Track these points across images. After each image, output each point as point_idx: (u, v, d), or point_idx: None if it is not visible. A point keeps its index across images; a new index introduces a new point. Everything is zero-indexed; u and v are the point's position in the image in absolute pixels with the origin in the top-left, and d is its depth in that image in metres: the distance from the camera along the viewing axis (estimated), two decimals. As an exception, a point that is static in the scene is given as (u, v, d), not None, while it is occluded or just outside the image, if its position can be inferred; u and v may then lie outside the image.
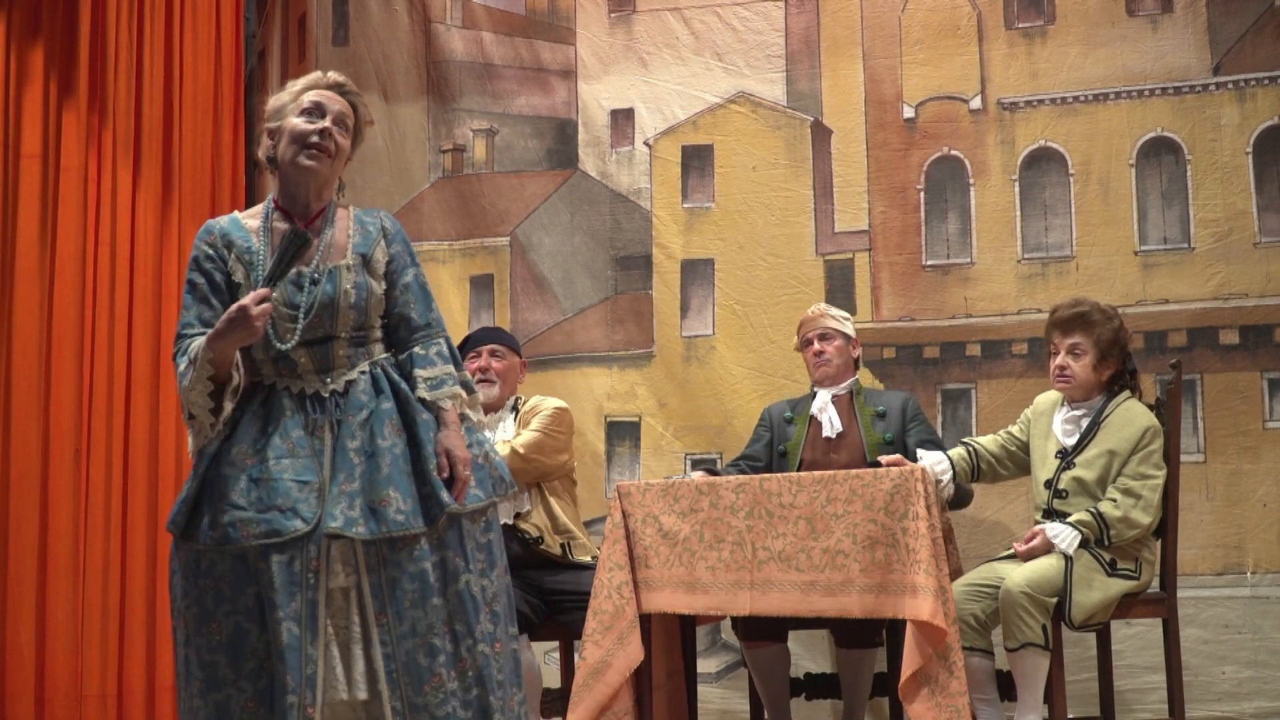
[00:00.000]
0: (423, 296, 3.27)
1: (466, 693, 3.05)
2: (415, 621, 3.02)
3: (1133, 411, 4.16)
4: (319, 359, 3.18)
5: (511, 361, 4.72)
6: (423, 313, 3.25)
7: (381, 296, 3.23)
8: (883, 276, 5.39)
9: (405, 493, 3.06)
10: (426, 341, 3.23)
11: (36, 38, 5.45)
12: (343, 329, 3.19)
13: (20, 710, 5.10)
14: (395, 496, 3.05)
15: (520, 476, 4.49)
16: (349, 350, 3.20)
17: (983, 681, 4.01)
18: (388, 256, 3.26)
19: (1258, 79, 5.11)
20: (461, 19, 5.94)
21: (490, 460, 3.22)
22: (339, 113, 3.27)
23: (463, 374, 3.25)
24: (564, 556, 4.51)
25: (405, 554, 3.03)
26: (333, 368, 3.18)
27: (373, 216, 3.33)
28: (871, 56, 5.50)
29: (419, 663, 3.02)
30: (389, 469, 3.08)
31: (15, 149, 5.36)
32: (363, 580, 3.04)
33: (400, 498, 3.05)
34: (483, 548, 3.14)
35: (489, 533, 3.18)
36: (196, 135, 5.81)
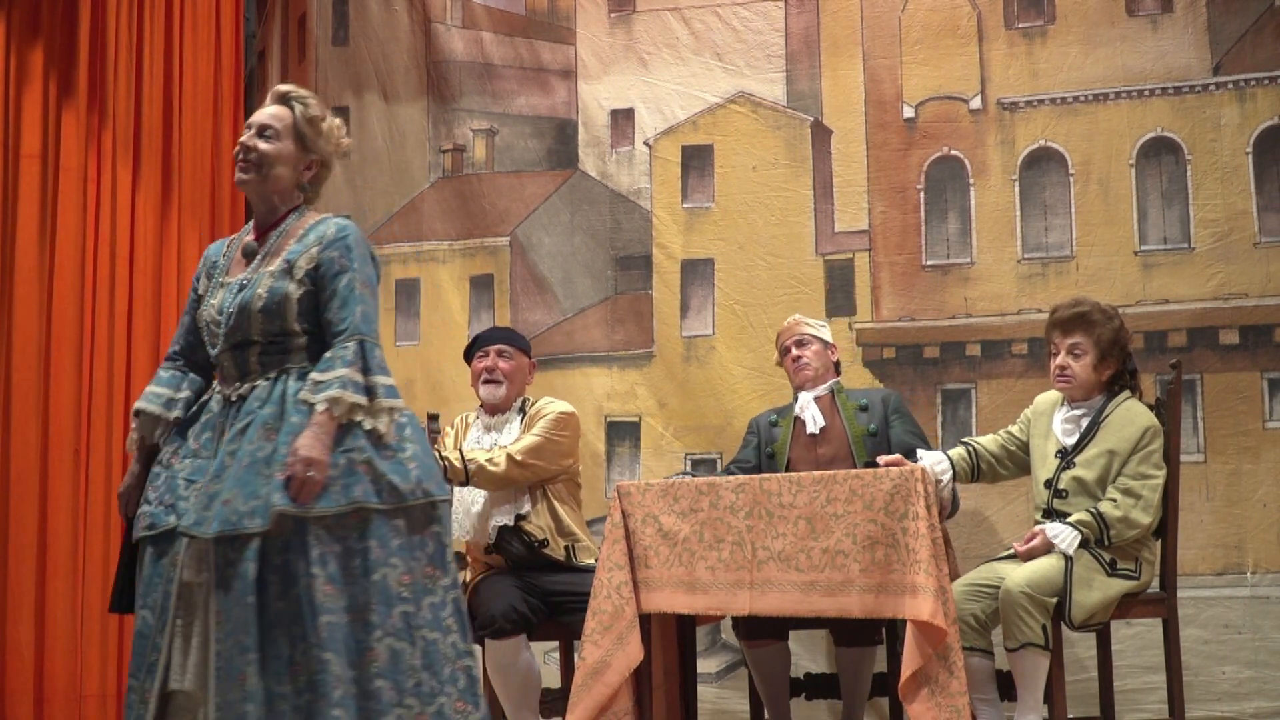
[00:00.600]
0: (348, 299, 3.20)
1: (298, 696, 3.02)
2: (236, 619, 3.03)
3: (1133, 411, 4.16)
4: (238, 365, 3.25)
5: (520, 362, 4.71)
6: (343, 316, 3.18)
7: (297, 301, 3.21)
8: (883, 276, 5.39)
9: (247, 494, 3.06)
10: (339, 344, 3.17)
11: (36, 38, 5.46)
12: (257, 334, 3.22)
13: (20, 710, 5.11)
14: (235, 496, 3.06)
15: (518, 482, 4.49)
16: (265, 357, 3.23)
17: (983, 681, 4.01)
18: (315, 262, 3.23)
19: (1258, 79, 5.11)
20: (461, 19, 5.94)
21: (374, 468, 3.12)
22: (261, 123, 3.32)
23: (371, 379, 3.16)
24: (568, 560, 4.51)
25: (239, 554, 3.04)
26: (248, 373, 3.24)
27: (324, 224, 3.31)
28: (871, 56, 5.50)
29: (233, 659, 3.02)
30: (241, 470, 3.09)
31: (15, 149, 5.37)
32: (210, 577, 3.07)
33: (240, 498, 3.06)
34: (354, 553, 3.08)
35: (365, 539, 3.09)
36: (196, 135, 5.82)
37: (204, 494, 3.11)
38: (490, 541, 4.54)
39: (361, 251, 3.28)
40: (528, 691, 4.42)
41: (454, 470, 4.41)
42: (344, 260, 3.23)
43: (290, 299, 3.21)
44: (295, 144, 3.34)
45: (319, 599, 3.02)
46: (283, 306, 3.21)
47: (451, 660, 3.16)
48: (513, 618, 4.31)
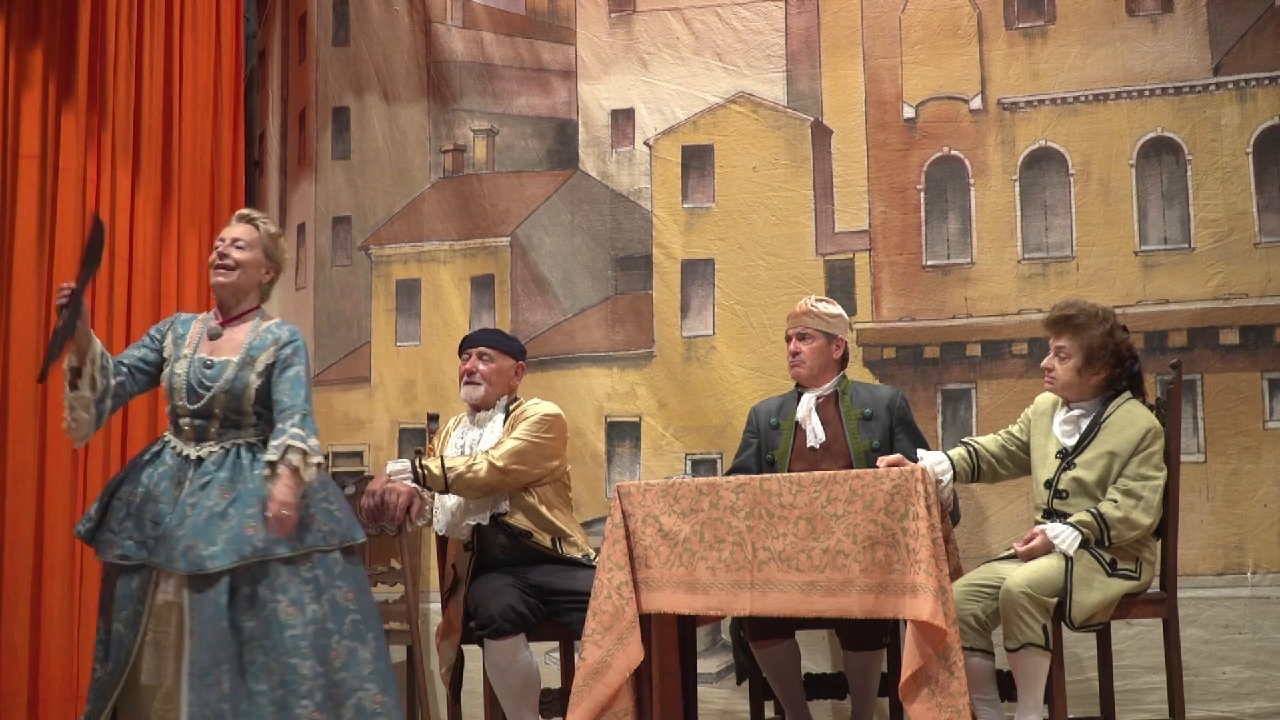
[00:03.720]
0: (296, 386, 4.03)
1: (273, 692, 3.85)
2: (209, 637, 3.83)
3: (1133, 413, 4.16)
4: (198, 430, 4.05)
5: (502, 364, 4.69)
6: (292, 397, 4.00)
7: (256, 389, 4.03)
8: (883, 276, 5.39)
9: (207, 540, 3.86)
10: (285, 418, 3.96)
11: (36, 39, 5.46)
12: (218, 408, 4.03)
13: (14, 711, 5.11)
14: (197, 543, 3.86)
15: (500, 488, 4.48)
16: (223, 429, 4.05)
17: (983, 681, 4.01)
18: (273, 359, 4.06)
19: (1258, 79, 5.11)
20: (462, 19, 5.94)
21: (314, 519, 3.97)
22: (235, 236, 4.21)
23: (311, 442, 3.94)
24: (554, 550, 4.51)
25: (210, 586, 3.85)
26: (205, 439, 4.04)
27: (280, 329, 4.15)
28: (872, 56, 5.50)
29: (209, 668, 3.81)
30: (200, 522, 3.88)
31: (14, 150, 5.37)
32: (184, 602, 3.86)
33: (201, 544, 3.85)
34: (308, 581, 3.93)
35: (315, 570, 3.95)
36: (196, 136, 5.82)
37: (172, 537, 3.89)
38: (465, 540, 4.54)
39: (306, 353, 4.14)
40: (527, 691, 4.41)
41: (433, 479, 4.42)
42: (295, 359, 4.08)
43: (250, 387, 4.04)
44: (262, 254, 4.21)
45: (283, 617, 3.87)
46: (244, 392, 4.03)
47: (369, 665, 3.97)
48: (511, 617, 4.31)
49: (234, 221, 4.30)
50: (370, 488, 4.48)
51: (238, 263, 4.17)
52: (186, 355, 4.12)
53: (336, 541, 4.02)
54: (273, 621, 3.87)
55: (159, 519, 3.95)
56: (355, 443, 5.86)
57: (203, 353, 4.11)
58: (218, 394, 4.02)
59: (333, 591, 3.97)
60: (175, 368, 4.10)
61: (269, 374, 4.05)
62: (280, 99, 6.20)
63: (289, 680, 3.84)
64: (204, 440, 4.04)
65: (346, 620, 3.95)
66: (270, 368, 4.06)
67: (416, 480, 4.43)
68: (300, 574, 3.94)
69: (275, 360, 4.07)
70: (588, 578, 4.30)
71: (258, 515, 3.91)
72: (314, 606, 3.92)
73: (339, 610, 3.95)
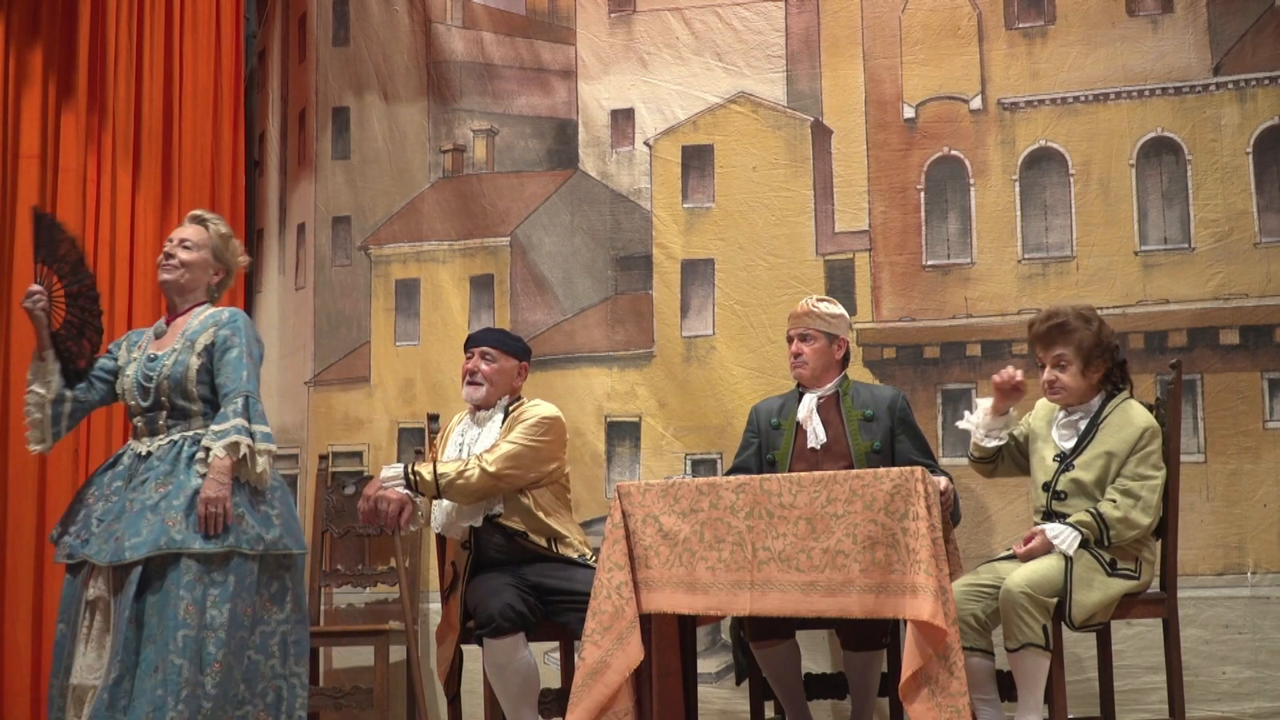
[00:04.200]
0: (238, 367, 4.05)
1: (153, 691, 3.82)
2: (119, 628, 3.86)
3: (1131, 412, 4.16)
4: (149, 425, 4.10)
5: (504, 364, 4.68)
6: (233, 379, 4.03)
7: (198, 370, 4.05)
8: (883, 276, 5.39)
9: (132, 532, 3.88)
10: (229, 399, 4.01)
11: (35, 38, 5.46)
12: (164, 397, 4.07)
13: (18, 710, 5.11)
14: (124, 534, 3.89)
15: (494, 493, 4.47)
16: (171, 419, 4.07)
17: (983, 681, 4.01)
18: (212, 339, 4.09)
19: (1258, 79, 5.11)
20: (462, 19, 5.94)
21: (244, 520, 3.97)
22: (182, 237, 4.27)
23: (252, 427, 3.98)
24: (550, 549, 4.50)
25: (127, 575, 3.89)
26: (156, 433, 4.08)
27: (220, 312, 4.18)
28: (872, 56, 5.50)
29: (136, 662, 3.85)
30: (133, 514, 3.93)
31: (14, 150, 5.37)
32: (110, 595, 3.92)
33: (127, 535, 3.88)
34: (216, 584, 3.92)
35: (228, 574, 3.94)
36: (196, 136, 5.82)
37: (105, 530, 3.95)
38: (462, 539, 4.54)
39: (249, 332, 4.16)
40: (527, 690, 4.41)
41: (424, 485, 4.42)
42: (235, 339, 4.09)
43: (191, 369, 4.05)
44: (210, 255, 4.27)
45: (182, 615, 3.85)
46: (185, 374, 4.05)
47: (267, 679, 4.03)
48: (510, 616, 4.30)
49: (186, 222, 4.36)
50: (366, 492, 4.48)
51: (183, 262, 4.23)
52: (136, 358, 4.18)
53: (261, 549, 4.00)
54: (169, 617, 3.86)
55: (105, 516, 4.00)
56: (355, 442, 5.86)
57: (149, 351, 4.17)
58: (160, 382, 4.06)
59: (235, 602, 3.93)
60: (127, 371, 4.16)
61: (209, 354, 4.07)
62: (280, 99, 6.20)
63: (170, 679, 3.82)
64: (155, 434, 4.08)
65: (236, 635, 3.93)
66: (210, 348, 4.08)
67: (409, 486, 4.43)
68: (212, 575, 3.92)
69: (214, 340, 4.09)
70: (585, 578, 4.30)
71: (182, 507, 3.91)
72: (214, 612, 3.90)
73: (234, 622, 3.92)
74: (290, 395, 5.97)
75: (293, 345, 6.00)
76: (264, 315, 6.07)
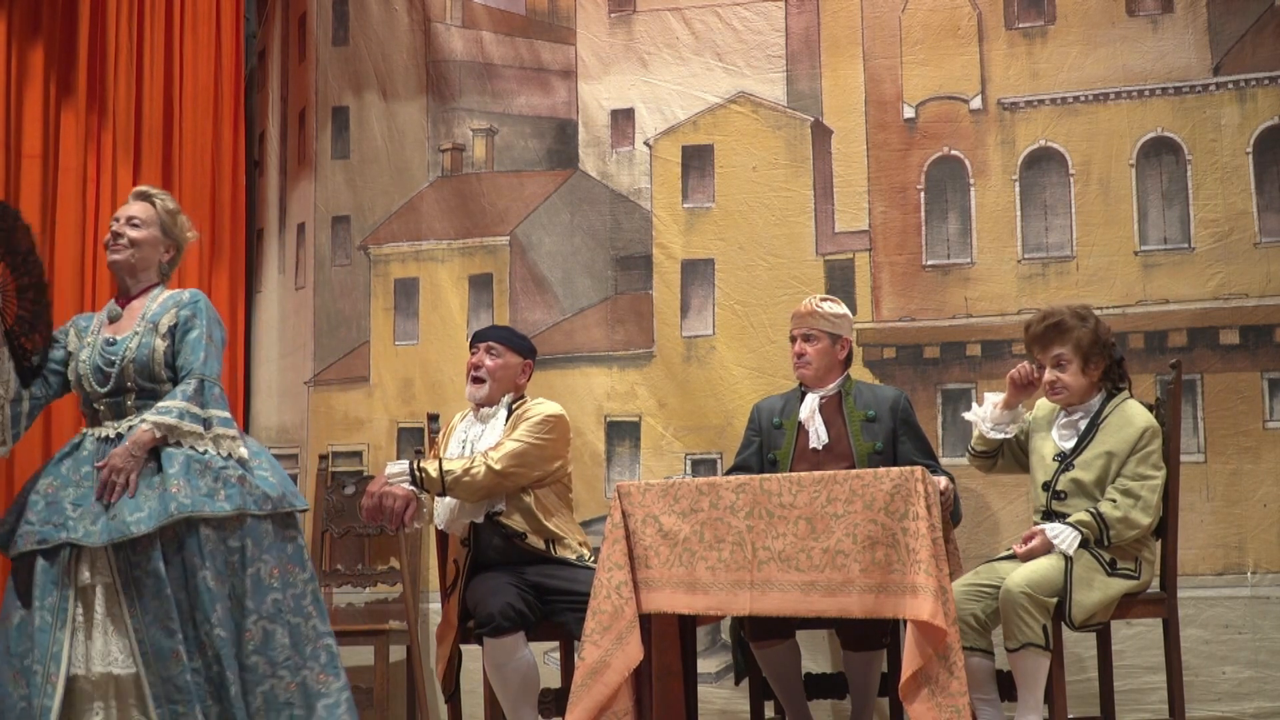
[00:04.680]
0: (196, 347, 3.98)
1: (208, 669, 3.77)
2: (155, 610, 3.76)
3: (1130, 412, 4.16)
4: (114, 409, 3.98)
5: (509, 360, 4.67)
6: (190, 360, 3.96)
7: (164, 352, 3.96)
8: (883, 276, 5.39)
9: (132, 508, 3.78)
10: (184, 380, 3.94)
11: (36, 37, 5.46)
12: (129, 381, 3.96)
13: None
14: (120, 511, 3.78)
15: (498, 491, 4.46)
16: (138, 402, 3.96)
17: (983, 681, 4.01)
18: (175, 320, 4.00)
19: (1258, 79, 5.11)
20: (461, 18, 5.94)
21: (246, 480, 3.90)
22: (129, 214, 4.12)
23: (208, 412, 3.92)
24: (548, 551, 4.51)
25: (143, 556, 3.78)
26: (124, 416, 3.96)
27: (180, 294, 4.09)
28: (872, 56, 5.50)
29: (161, 642, 3.75)
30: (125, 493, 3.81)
31: (15, 149, 5.37)
32: (115, 580, 3.78)
33: (125, 511, 3.77)
34: (234, 550, 3.84)
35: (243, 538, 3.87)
36: (196, 135, 5.82)
37: (90, 513, 3.81)
38: (464, 536, 4.54)
39: (210, 315, 4.07)
40: (526, 689, 4.41)
41: (430, 480, 4.40)
42: (195, 320, 4.01)
43: (157, 351, 3.96)
44: (159, 232, 4.13)
45: (213, 587, 3.78)
46: (151, 357, 3.95)
47: (313, 640, 3.93)
48: (510, 615, 4.30)
49: (131, 199, 4.21)
50: (370, 489, 4.46)
51: (132, 241, 4.09)
52: (90, 343, 4.04)
53: (270, 507, 3.92)
54: (203, 591, 3.77)
55: (80, 501, 3.86)
56: (354, 442, 5.86)
57: (105, 335, 4.04)
58: (125, 366, 3.95)
59: (259, 565, 3.86)
60: (81, 357, 4.03)
61: (173, 336, 3.99)
62: (280, 99, 6.20)
63: (222, 654, 3.74)
64: (123, 416, 3.96)
65: (268, 599, 3.85)
66: (174, 330, 3.99)
67: (414, 483, 4.42)
68: (227, 542, 3.83)
69: (177, 322, 4.00)
70: (585, 578, 4.30)
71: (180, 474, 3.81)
72: (235, 580, 3.82)
73: (261, 587, 3.84)
74: (290, 395, 5.97)
75: (293, 345, 6.00)
76: (264, 315, 6.07)
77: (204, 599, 3.77)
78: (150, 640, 3.75)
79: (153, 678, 3.73)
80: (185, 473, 3.82)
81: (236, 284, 5.93)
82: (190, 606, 3.77)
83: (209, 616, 3.76)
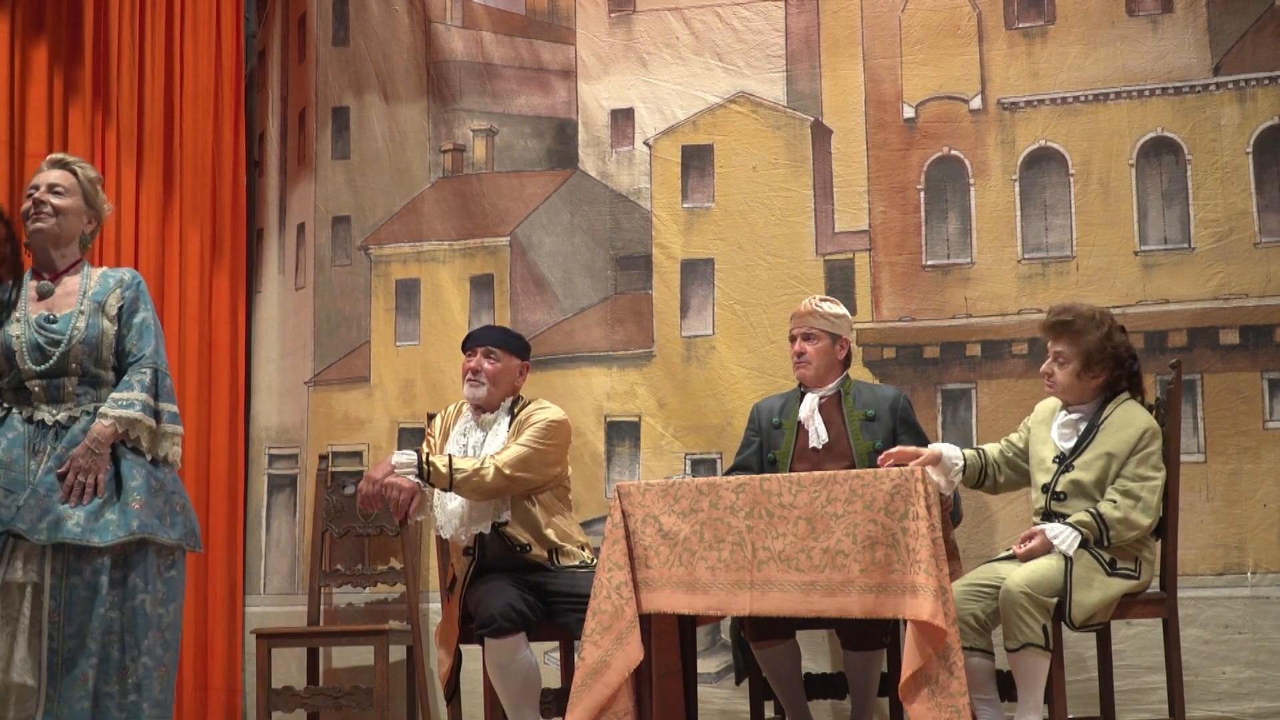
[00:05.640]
0: (145, 334, 3.80)
1: (124, 696, 3.58)
2: (81, 625, 3.56)
3: (1130, 413, 4.16)
4: (50, 391, 3.74)
5: (508, 364, 4.66)
6: (141, 347, 3.78)
7: (113, 337, 3.78)
8: (883, 276, 5.39)
9: (89, 513, 3.58)
10: (135, 369, 3.76)
11: (40, 36, 5.46)
12: (74, 363, 3.75)
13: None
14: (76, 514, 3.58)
15: (504, 493, 4.45)
16: (79, 388, 3.76)
17: (983, 681, 4.01)
18: (121, 302, 3.82)
19: (1258, 79, 5.11)
20: (461, 19, 5.94)
21: (187, 511, 3.78)
22: (51, 182, 3.86)
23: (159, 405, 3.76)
24: (551, 562, 4.50)
25: (87, 565, 3.58)
26: (62, 400, 3.75)
27: (116, 273, 3.90)
28: (871, 56, 5.50)
29: (76, 660, 3.54)
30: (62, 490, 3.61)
31: (20, 148, 5.37)
32: (45, 581, 3.58)
33: (82, 516, 3.57)
34: (166, 581, 3.71)
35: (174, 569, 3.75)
36: (197, 135, 5.82)
37: (35, 506, 3.59)
38: (467, 544, 4.52)
39: (149, 298, 3.91)
40: (527, 690, 4.41)
41: (438, 476, 4.36)
42: (139, 303, 3.84)
43: (107, 334, 3.78)
44: (82, 201, 3.90)
45: (150, 613, 3.63)
46: (100, 340, 3.77)
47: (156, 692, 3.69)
48: (511, 616, 4.30)
49: (46, 167, 3.95)
50: (371, 474, 4.39)
51: (56, 209, 3.84)
52: (19, 318, 3.79)
53: (193, 544, 3.80)
54: (139, 615, 3.61)
55: (11, 487, 3.64)
56: (354, 442, 5.86)
57: (39, 311, 3.80)
58: (74, 347, 3.74)
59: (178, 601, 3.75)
60: (10, 330, 3.77)
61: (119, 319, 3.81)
62: (280, 99, 6.20)
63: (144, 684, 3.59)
64: (60, 401, 3.75)
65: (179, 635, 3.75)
66: (121, 311, 3.81)
67: (421, 476, 4.39)
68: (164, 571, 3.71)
69: (123, 303, 3.82)
70: (585, 579, 4.30)
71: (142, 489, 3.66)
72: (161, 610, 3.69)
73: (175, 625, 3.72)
74: (290, 395, 5.97)
75: (293, 345, 6.00)
76: (264, 315, 6.06)
77: (139, 624, 3.62)
78: (65, 654, 3.55)
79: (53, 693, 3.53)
80: (146, 490, 3.68)
81: (236, 284, 5.93)
82: (122, 630, 3.60)
83: (140, 643, 3.62)
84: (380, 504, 4.38)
